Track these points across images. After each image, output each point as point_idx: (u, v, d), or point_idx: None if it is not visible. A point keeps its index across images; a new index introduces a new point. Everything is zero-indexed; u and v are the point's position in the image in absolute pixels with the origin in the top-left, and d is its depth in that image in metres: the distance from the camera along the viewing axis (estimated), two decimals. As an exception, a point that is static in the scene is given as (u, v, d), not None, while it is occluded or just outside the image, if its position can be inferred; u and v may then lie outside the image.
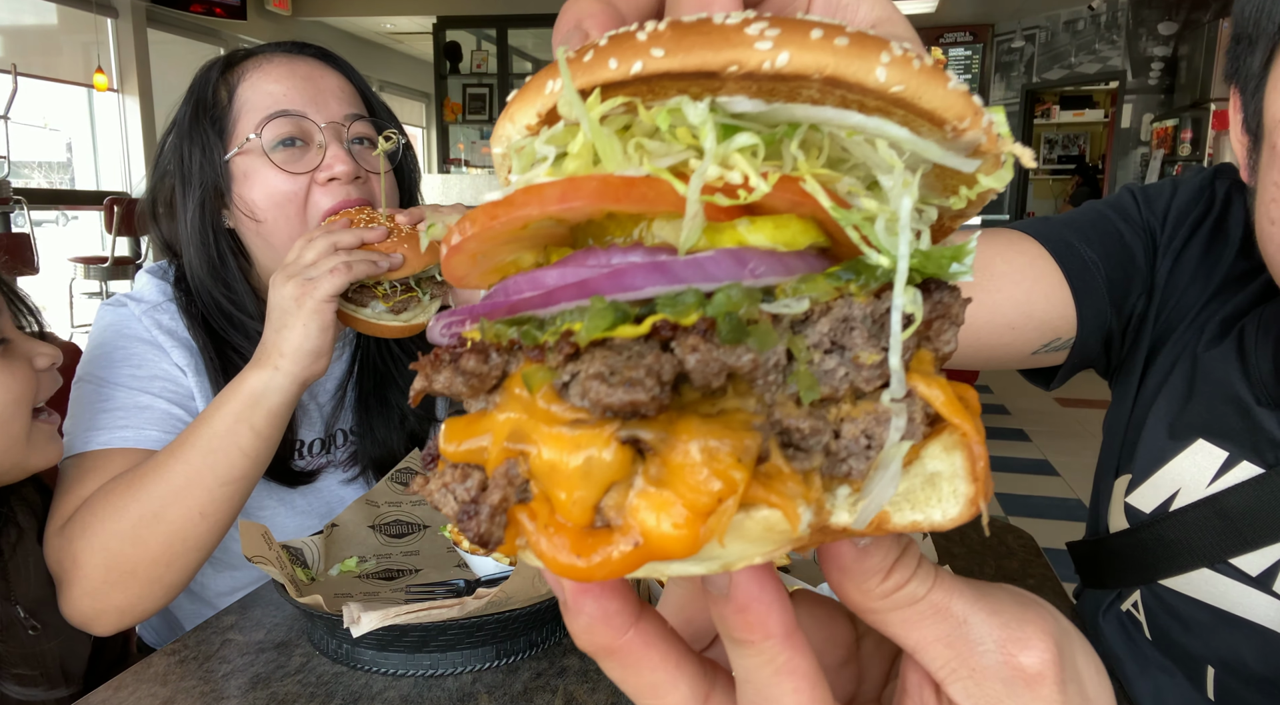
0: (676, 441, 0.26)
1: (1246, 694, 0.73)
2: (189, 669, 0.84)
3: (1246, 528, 0.72)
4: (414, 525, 1.09)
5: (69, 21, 6.95)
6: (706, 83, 0.28)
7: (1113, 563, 0.87)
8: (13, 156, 5.76)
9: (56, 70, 6.94)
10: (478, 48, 8.62)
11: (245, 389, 0.94)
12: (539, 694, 0.79)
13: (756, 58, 0.26)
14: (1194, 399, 0.80)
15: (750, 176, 0.27)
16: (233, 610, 0.97)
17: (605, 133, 0.28)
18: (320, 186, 1.12)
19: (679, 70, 0.27)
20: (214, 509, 0.95)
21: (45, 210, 6.53)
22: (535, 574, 0.81)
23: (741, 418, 0.27)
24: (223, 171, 1.12)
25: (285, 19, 8.33)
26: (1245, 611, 0.74)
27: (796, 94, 0.28)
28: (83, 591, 0.93)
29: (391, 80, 10.61)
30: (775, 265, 0.28)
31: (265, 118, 1.10)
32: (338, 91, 1.16)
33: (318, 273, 0.94)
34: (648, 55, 0.27)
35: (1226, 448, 0.76)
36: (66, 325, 6.16)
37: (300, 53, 1.18)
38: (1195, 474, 0.77)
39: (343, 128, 1.14)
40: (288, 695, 0.79)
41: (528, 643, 0.87)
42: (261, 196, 1.11)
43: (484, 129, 9.29)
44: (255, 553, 0.87)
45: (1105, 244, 0.90)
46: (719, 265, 0.27)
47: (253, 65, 1.15)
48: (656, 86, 0.28)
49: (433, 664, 0.83)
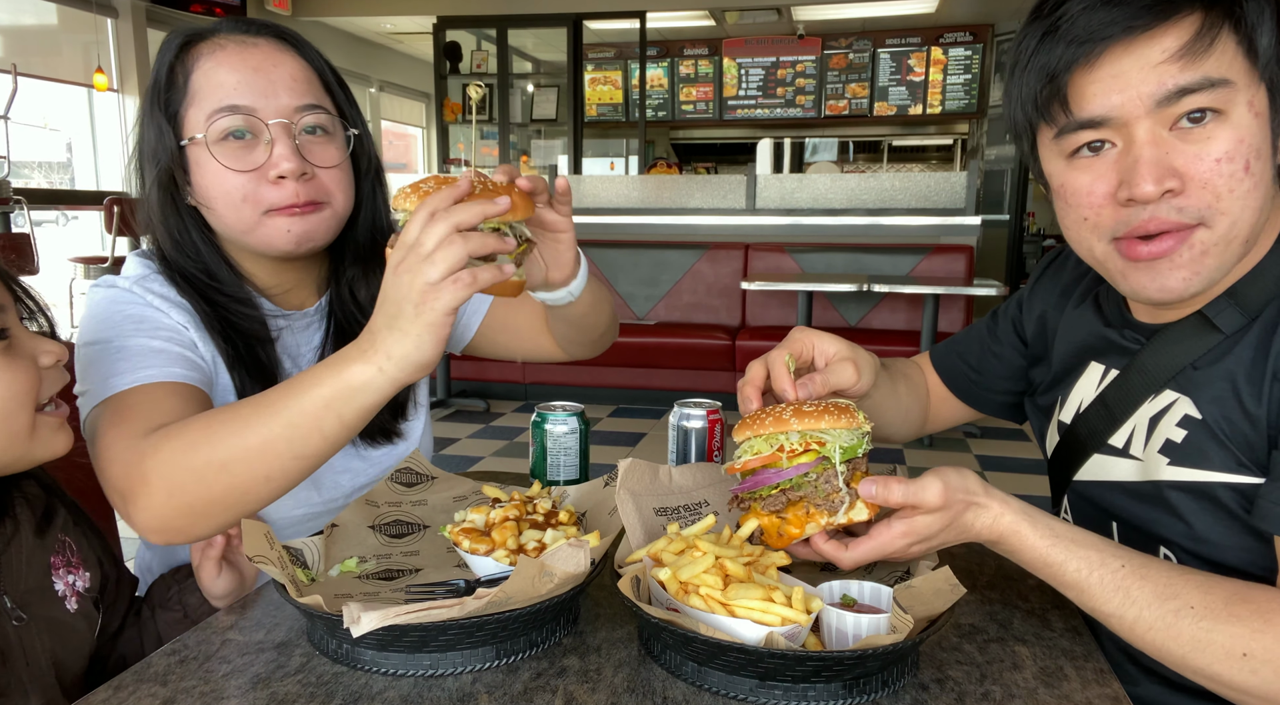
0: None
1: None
2: (189, 669, 0.84)
3: (1115, 407, 0.99)
4: (414, 525, 1.09)
5: (69, 21, 6.94)
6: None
7: (1051, 475, 1.14)
8: (13, 156, 5.76)
9: (56, 70, 6.94)
10: (478, 48, 8.61)
11: (344, 379, 0.90)
12: (539, 694, 0.79)
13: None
14: (1080, 340, 1.11)
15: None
16: (233, 610, 0.97)
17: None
18: (269, 183, 1.11)
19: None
20: (280, 476, 0.94)
21: (45, 210, 6.53)
22: (535, 574, 0.81)
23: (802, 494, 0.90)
24: (175, 158, 1.13)
25: (285, 19, 8.32)
26: (1118, 478, 0.99)
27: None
28: (144, 508, 0.93)
29: (391, 80, 10.60)
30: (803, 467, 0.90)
31: (213, 113, 1.10)
32: (290, 81, 1.13)
33: (437, 273, 0.84)
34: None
35: (1104, 362, 1.05)
36: (67, 325, 6.16)
37: (257, 34, 1.15)
38: (1088, 385, 1.06)
39: (292, 123, 1.12)
40: (288, 695, 0.79)
41: (528, 643, 0.87)
42: (209, 187, 1.12)
43: (484, 129, 9.29)
44: (256, 552, 0.87)
45: (979, 351, 1.27)
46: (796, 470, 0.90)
47: (207, 50, 1.13)
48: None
49: (433, 664, 0.83)
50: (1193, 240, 0.86)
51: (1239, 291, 0.91)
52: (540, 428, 1.23)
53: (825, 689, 0.79)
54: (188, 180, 1.14)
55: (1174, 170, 0.84)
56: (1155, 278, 0.89)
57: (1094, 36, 0.84)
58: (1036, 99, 0.90)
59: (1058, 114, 0.89)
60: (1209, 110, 0.83)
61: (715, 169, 10.77)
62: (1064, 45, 0.86)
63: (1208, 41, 0.82)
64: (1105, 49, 0.84)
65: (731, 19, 9.40)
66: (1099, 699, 0.80)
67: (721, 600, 0.78)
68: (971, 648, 0.89)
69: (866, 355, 1.06)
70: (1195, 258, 0.87)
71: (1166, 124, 0.84)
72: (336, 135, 1.18)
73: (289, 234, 1.13)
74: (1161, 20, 0.83)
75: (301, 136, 1.14)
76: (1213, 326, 0.92)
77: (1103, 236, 0.91)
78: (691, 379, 5.46)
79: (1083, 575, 0.84)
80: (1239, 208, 0.85)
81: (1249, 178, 0.84)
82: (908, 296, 5.34)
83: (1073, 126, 0.88)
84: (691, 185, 6.13)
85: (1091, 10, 0.85)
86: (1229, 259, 0.88)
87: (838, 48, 9.93)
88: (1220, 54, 0.82)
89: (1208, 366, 0.92)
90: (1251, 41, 0.83)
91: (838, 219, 5.76)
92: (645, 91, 8.77)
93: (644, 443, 4.88)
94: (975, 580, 1.05)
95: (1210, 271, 0.88)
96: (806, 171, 7.57)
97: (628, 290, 5.92)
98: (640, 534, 0.97)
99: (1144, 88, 0.83)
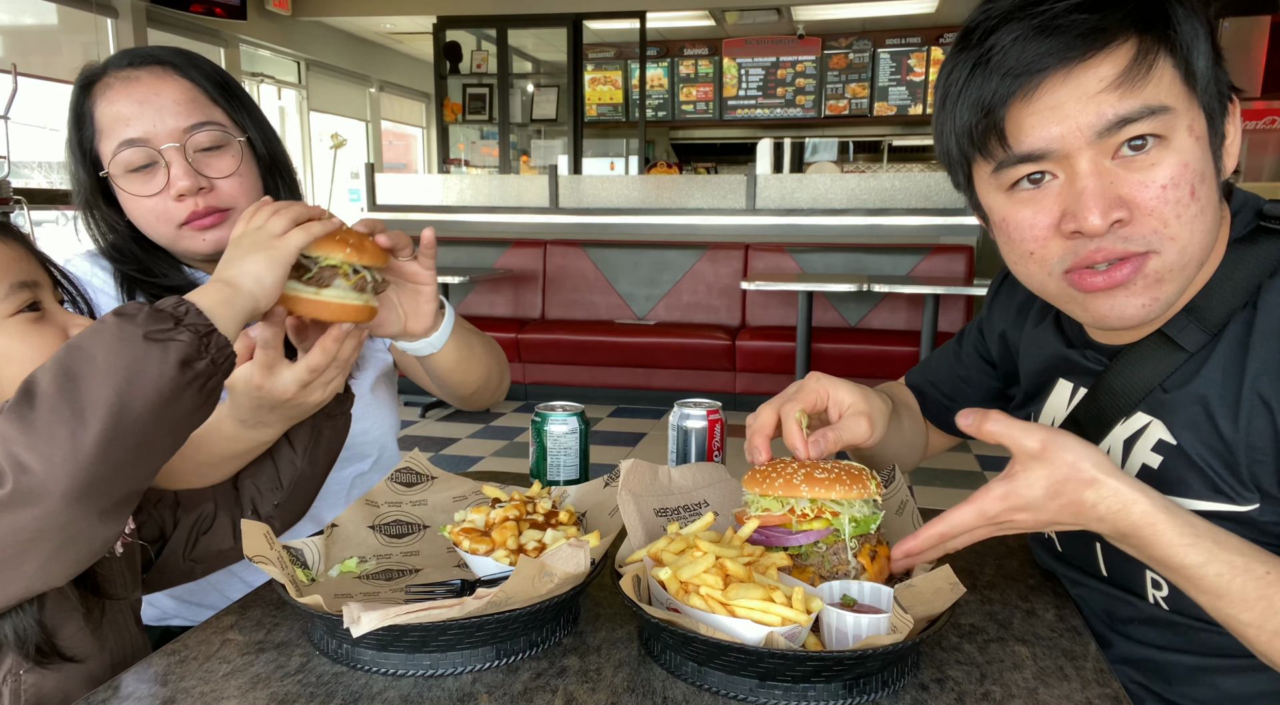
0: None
1: (1129, 568, 0.92)
2: (189, 669, 0.84)
3: (1089, 428, 0.98)
4: (414, 525, 1.09)
5: (69, 21, 6.94)
6: None
7: None
8: (13, 156, 5.75)
9: (56, 70, 6.93)
10: (478, 48, 8.60)
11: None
12: (539, 694, 0.79)
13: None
14: (1045, 358, 1.10)
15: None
16: (233, 610, 0.97)
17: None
18: (173, 200, 1.23)
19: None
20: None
21: (45, 210, 6.52)
22: (535, 574, 0.81)
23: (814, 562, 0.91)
24: (96, 187, 1.27)
25: (285, 19, 8.32)
26: None
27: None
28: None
29: (391, 80, 10.60)
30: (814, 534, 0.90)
31: (115, 148, 1.22)
32: (174, 105, 1.24)
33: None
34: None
35: (1072, 380, 1.04)
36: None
37: (140, 66, 1.25)
38: (1059, 403, 1.05)
39: (183, 145, 1.23)
40: (288, 695, 0.79)
41: (528, 643, 0.87)
42: (130, 210, 1.27)
43: (484, 129, 9.28)
44: (256, 552, 0.87)
45: (950, 379, 1.26)
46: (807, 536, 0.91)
47: (101, 88, 1.25)
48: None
49: (433, 664, 0.83)
50: (1147, 269, 0.84)
51: (1197, 307, 0.90)
52: (540, 428, 1.23)
53: (825, 689, 0.79)
54: (114, 204, 1.28)
55: (1120, 200, 0.82)
56: (1114, 306, 0.87)
57: (1029, 68, 0.81)
58: (971, 133, 0.86)
59: (995, 148, 0.85)
60: (1151, 136, 0.81)
61: (715, 169, 10.77)
62: (998, 78, 0.83)
63: (1145, 68, 0.80)
64: (1041, 81, 0.81)
65: (731, 19, 9.39)
66: (1099, 699, 0.80)
67: (721, 600, 0.78)
68: (971, 648, 0.89)
69: (879, 403, 1.04)
70: (1151, 284, 0.85)
71: (1108, 153, 0.82)
72: (230, 145, 1.28)
73: (205, 241, 1.26)
74: (1097, 49, 0.80)
75: (195, 154, 1.24)
76: (1175, 345, 0.90)
77: (1052, 271, 0.88)
78: (691, 379, 5.46)
79: (1224, 581, 0.78)
80: (1188, 232, 0.83)
81: (1195, 202, 0.82)
82: (908, 296, 5.34)
83: (1012, 160, 0.85)
84: (691, 185, 6.13)
85: (1024, 41, 0.81)
86: (1185, 282, 0.86)
87: (838, 48, 9.92)
88: (1158, 80, 0.80)
89: (1177, 389, 0.90)
90: (1189, 65, 0.81)
91: (838, 219, 5.75)
92: (645, 91, 8.76)
93: (644, 443, 4.88)
94: (975, 580, 1.05)
95: (1169, 296, 0.86)
96: (806, 171, 7.57)
97: (628, 290, 5.92)
98: (641, 534, 0.97)
99: (1083, 119, 0.81)
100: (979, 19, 0.85)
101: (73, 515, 0.72)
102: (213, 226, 1.26)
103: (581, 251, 5.99)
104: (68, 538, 0.74)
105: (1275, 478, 0.85)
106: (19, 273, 0.91)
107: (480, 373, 1.30)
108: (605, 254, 5.94)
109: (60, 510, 0.71)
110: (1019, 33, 0.82)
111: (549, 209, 6.22)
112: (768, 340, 5.34)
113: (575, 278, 5.99)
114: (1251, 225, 0.91)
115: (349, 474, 1.44)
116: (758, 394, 5.40)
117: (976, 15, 0.86)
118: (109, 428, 0.72)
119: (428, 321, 1.12)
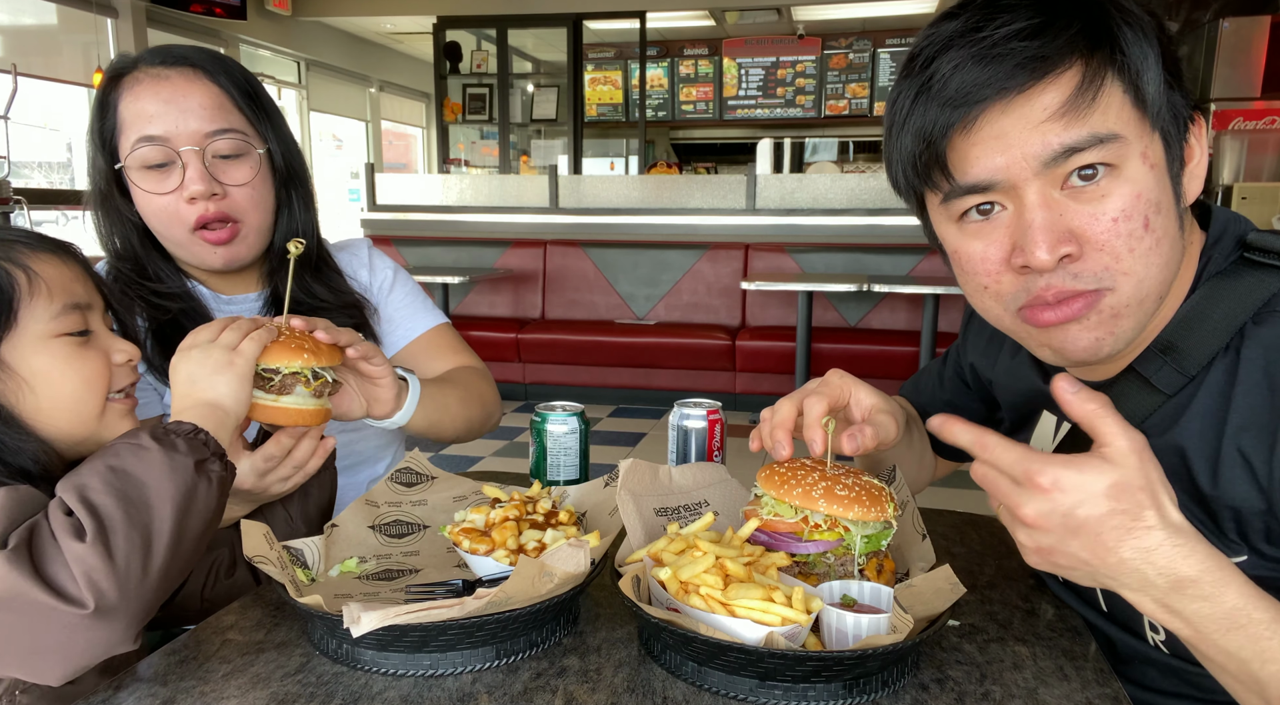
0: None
1: (1129, 606, 0.84)
2: (189, 669, 0.84)
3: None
4: (414, 525, 1.09)
5: (69, 21, 6.94)
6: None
7: None
8: (13, 156, 5.76)
9: (56, 70, 6.93)
10: (478, 48, 8.60)
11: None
12: (539, 694, 0.79)
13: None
14: (1024, 391, 1.08)
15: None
16: (233, 610, 0.97)
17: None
18: (185, 202, 1.24)
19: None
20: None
21: (45, 210, 6.52)
22: (535, 574, 0.81)
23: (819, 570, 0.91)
24: (111, 179, 1.26)
25: (285, 19, 8.32)
26: None
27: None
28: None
29: (391, 80, 10.60)
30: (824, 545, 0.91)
31: (134, 143, 1.23)
32: (199, 109, 1.24)
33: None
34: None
35: (1055, 412, 1.02)
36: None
37: (172, 65, 1.25)
38: (1044, 436, 1.04)
39: (203, 148, 1.24)
40: (288, 695, 0.79)
41: (528, 643, 0.87)
42: (141, 206, 1.27)
43: (484, 129, 9.28)
44: (256, 553, 0.88)
45: (937, 405, 1.23)
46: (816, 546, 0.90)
47: (130, 82, 1.25)
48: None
49: (433, 664, 0.83)
50: (1101, 305, 0.81)
51: (1174, 346, 0.85)
52: (540, 428, 1.23)
53: (825, 689, 0.79)
54: (128, 197, 1.28)
55: (1070, 233, 0.78)
56: (1067, 339, 0.83)
57: (968, 99, 0.78)
58: (915, 163, 0.84)
59: (939, 179, 0.83)
60: (1101, 165, 0.77)
61: (715, 169, 10.77)
62: (938, 107, 0.80)
63: (1091, 95, 0.76)
64: (981, 112, 0.78)
65: (731, 19, 9.39)
66: (1099, 699, 0.80)
67: (721, 600, 0.78)
68: (971, 648, 0.89)
69: (898, 408, 1.01)
70: (1106, 320, 0.82)
71: (1057, 184, 0.78)
72: (249, 154, 1.29)
73: (217, 255, 1.28)
74: (1037, 79, 0.76)
75: (213, 160, 1.25)
76: (1151, 386, 0.86)
77: (1008, 306, 0.85)
78: (691, 379, 5.46)
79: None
80: (1142, 266, 0.79)
81: (1149, 235, 0.79)
82: (908, 296, 5.34)
83: (959, 191, 0.82)
84: (691, 185, 6.13)
85: (962, 69, 0.78)
86: (1144, 316, 0.83)
87: (838, 48, 9.92)
88: (1106, 107, 0.76)
89: (1157, 435, 0.83)
90: (1139, 89, 0.77)
91: (838, 219, 5.75)
92: (645, 91, 8.77)
93: (644, 443, 4.88)
94: (975, 580, 1.05)
95: (1125, 331, 0.83)
96: (806, 171, 7.57)
97: (628, 290, 5.92)
98: (641, 534, 0.97)
99: (1028, 148, 0.77)
100: (923, 45, 0.82)
101: (129, 635, 0.79)
102: (227, 242, 1.27)
103: (581, 251, 5.99)
104: (102, 652, 0.78)
105: (1263, 535, 0.81)
106: (73, 294, 0.95)
107: (456, 427, 1.36)
108: (605, 254, 5.94)
109: (124, 629, 0.78)
110: (958, 61, 0.78)
111: (549, 209, 6.22)
112: (768, 340, 5.34)
113: (575, 278, 5.99)
114: (1234, 256, 0.86)
115: (363, 478, 1.48)
116: (758, 394, 5.40)
117: (920, 40, 0.83)
118: (171, 556, 0.81)
119: (389, 406, 1.16)
